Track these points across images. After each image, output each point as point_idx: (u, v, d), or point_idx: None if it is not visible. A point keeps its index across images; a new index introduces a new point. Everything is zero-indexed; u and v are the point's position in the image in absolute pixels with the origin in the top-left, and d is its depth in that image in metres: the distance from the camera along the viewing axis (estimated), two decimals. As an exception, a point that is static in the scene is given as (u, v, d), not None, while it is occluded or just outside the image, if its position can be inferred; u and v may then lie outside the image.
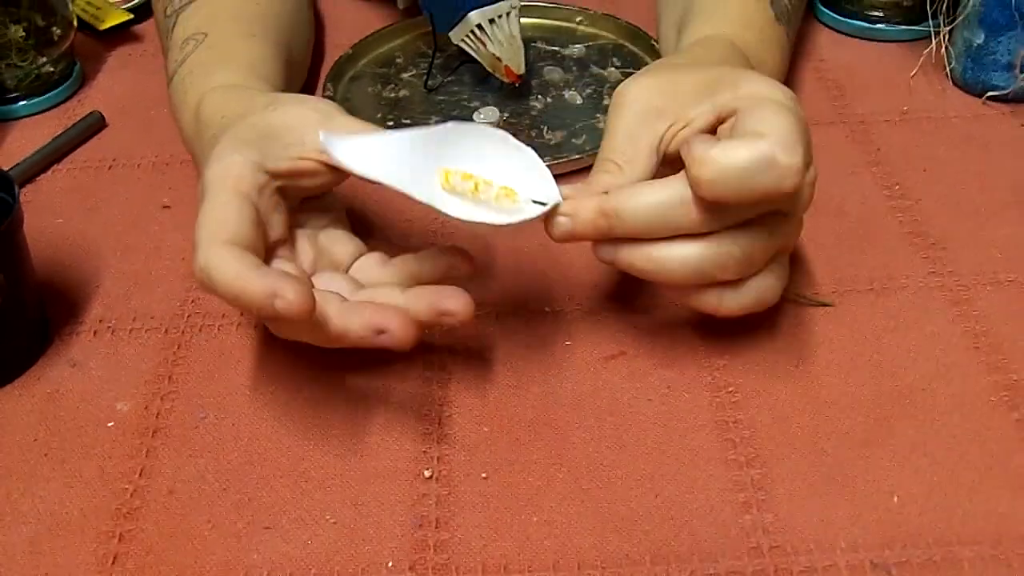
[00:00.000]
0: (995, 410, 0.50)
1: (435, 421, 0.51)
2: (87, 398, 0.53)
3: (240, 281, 0.43)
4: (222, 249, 0.44)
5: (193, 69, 0.61)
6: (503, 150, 0.48)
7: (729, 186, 0.44)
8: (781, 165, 0.44)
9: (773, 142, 0.44)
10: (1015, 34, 0.69)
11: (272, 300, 0.42)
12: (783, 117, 0.45)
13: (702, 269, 0.47)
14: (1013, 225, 0.62)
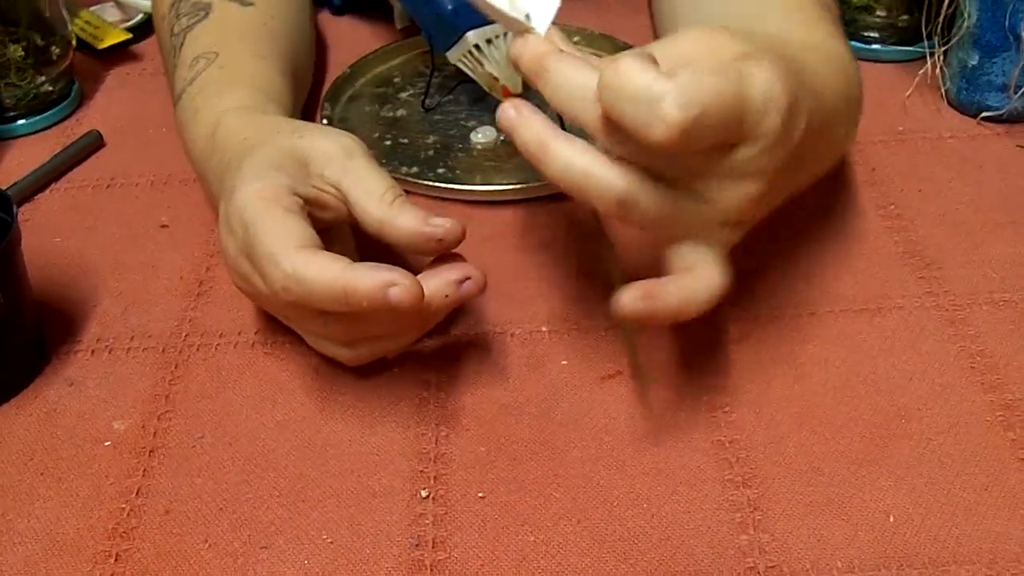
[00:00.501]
0: (991, 430, 0.50)
1: (432, 441, 0.51)
2: (84, 417, 0.53)
3: (346, 276, 0.45)
4: (306, 253, 0.46)
5: (204, 88, 0.61)
6: None
7: (608, 100, 0.40)
8: (660, 110, 0.39)
9: (668, 87, 0.39)
10: (1009, 55, 0.70)
11: (386, 290, 0.44)
12: (709, 76, 0.40)
13: (595, 188, 0.43)
14: (1008, 245, 0.62)
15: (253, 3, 0.69)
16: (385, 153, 0.72)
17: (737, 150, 0.43)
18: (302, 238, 0.47)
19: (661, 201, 0.43)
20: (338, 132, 0.53)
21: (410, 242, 0.49)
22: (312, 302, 0.46)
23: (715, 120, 0.40)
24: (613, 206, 0.43)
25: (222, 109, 0.58)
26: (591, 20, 0.85)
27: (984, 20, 0.70)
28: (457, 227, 0.49)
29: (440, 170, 0.69)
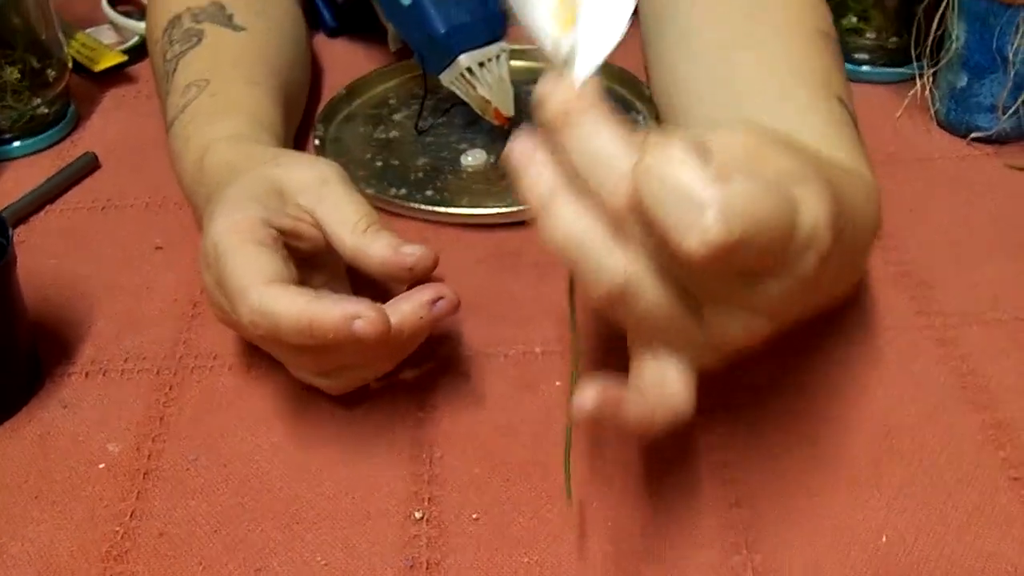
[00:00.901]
0: (982, 449, 0.51)
1: (426, 462, 0.51)
2: (78, 439, 0.53)
3: (311, 310, 0.44)
4: (274, 288, 0.45)
5: (195, 116, 0.61)
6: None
7: (644, 190, 0.35)
8: (703, 221, 0.33)
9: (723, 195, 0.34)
10: (997, 76, 0.71)
11: (351, 323, 0.44)
12: (768, 187, 0.35)
13: (591, 269, 0.37)
14: (998, 265, 0.62)
15: (246, 28, 0.69)
16: (375, 174, 0.72)
17: (763, 282, 0.38)
18: (271, 272, 0.46)
19: (659, 306, 0.38)
20: (316, 160, 0.54)
21: (382, 270, 0.49)
22: (280, 336, 0.46)
23: (759, 246, 0.35)
24: (604, 295, 0.38)
25: (211, 138, 0.58)
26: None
27: (972, 42, 0.71)
28: (428, 255, 0.49)
29: (429, 192, 0.70)
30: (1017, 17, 0.68)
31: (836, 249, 0.39)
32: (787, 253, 0.37)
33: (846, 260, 0.45)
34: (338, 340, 0.45)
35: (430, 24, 0.68)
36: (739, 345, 0.40)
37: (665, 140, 0.35)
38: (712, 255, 0.34)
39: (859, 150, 0.54)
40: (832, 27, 0.63)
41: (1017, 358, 0.56)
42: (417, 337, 0.50)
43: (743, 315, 0.39)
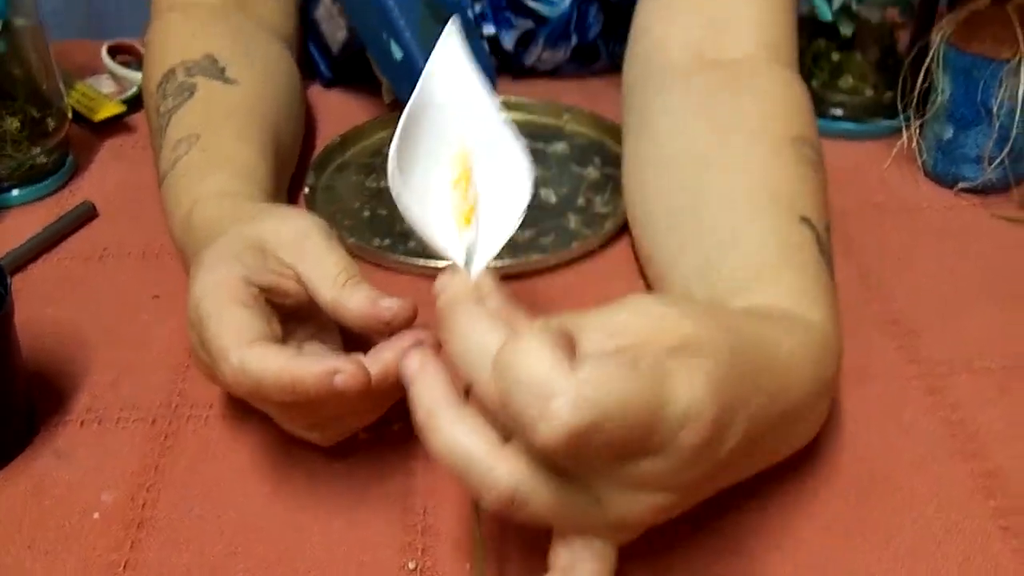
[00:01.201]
0: (972, 498, 0.51)
1: (419, 512, 0.51)
2: (73, 488, 0.53)
3: (291, 368, 0.45)
4: (255, 348, 0.46)
5: (186, 172, 0.62)
6: (508, 191, 0.46)
7: (499, 382, 0.36)
8: (548, 410, 0.34)
9: (565, 386, 0.35)
10: (982, 128, 0.72)
11: (331, 378, 0.44)
12: (621, 374, 0.36)
13: (476, 479, 0.38)
14: (986, 313, 0.63)
15: (238, 81, 0.70)
16: (362, 224, 0.73)
17: (641, 461, 0.38)
18: (252, 332, 0.47)
19: (552, 500, 0.38)
20: (297, 214, 0.54)
21: (361, 324, 0.50)
22: (263, 395, 0.46)
23: (615, 430, 0.35)
24: (494, 503, 0.38)
25: (199, 194, 0.59)
26: (577, 100, 0.86)
27: (957, 95, 0.72)
28: (406, 308, 0.49)
29: (411, 244, 0.70)
30: (1000, 71, 0.69)
31: (739, 420, 0.40)
32: (658, 433, 0.37)
33: (781, 422, 0.45)
34: (320, 396, 0.45)
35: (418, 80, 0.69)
36: (649, 522, 0.40)
37: (523, 331, 0.36)
38: (564, 443, 0.34)
39: (815, 283, 0.51)
40: (810, 126, 0.61)
41: (1006, 406, 0.56)
42: (401, 384, 0.51)
43: (639, 494, 0.39)
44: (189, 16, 0.77)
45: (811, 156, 0.59)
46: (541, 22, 0.86)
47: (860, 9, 0.78)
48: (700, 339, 0.39)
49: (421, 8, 0.70)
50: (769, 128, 0.59)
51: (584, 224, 0.72)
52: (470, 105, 0.48)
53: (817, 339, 0.48)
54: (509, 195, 0.46)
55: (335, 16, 0.85)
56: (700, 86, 0.63)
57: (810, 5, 0.80)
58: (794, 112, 0.61)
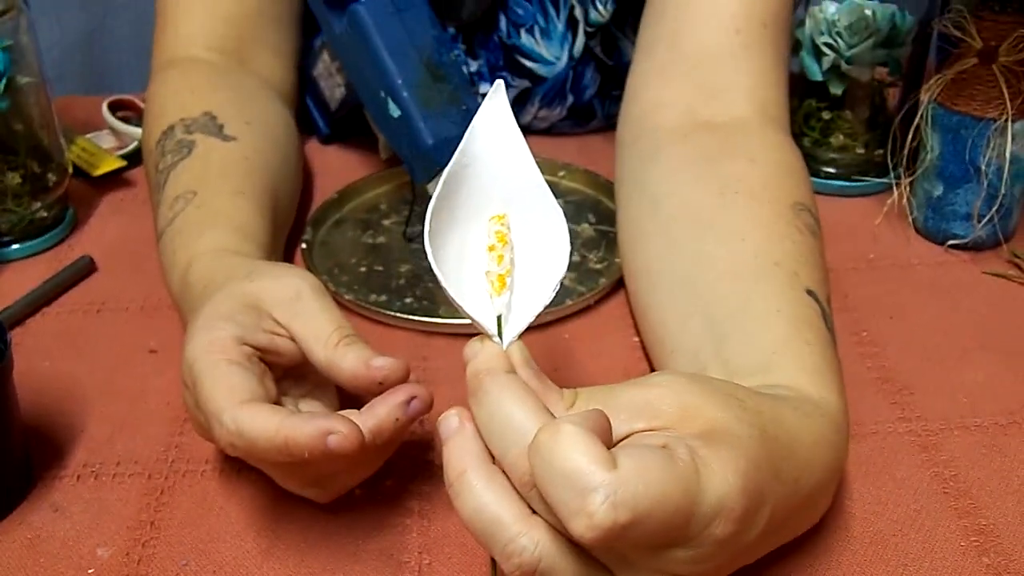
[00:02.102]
0: (966, 555, 0.51)
1: (415, 569, 0.51)
2: (68, 544, 0.53)
3: (285, 429, 0.45)
4: (249, 408, 0.46)
5: (182, 229, 0.63)
6: (546, 260, 0.45)
7: (538, 470, 0.37)
8: (586, 506, 0.35)
9: (608, 480, 0.35)
10: (971, 186, 0.73)
11: (325, 439, 0.44)
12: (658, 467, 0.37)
13: (500, 546, 0.39)
14: (978, 370, 0.64)
15: (236, 138, 0.71)
16: (358, 280, 0.73)
17: (670, 551, 0.39)
18: (245, 392, 0.47)
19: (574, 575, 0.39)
20: (290, 272, 0.54)
21: (353, 384, 0.50)
22: (258, 455, 0.47)
23: (652, 525, 0.36)
24: (517, 569, 0.38)
25: (195, 252, 0.60)
26: (573, 157, 0.87)
27: (946, 153, 0.73)
28: (398, 368, 0.49)
29: (408, 300, 0.71)
30: (988, 130, 0.70)
31: (765, 507, 0.41)
32: (690, 526, 0.38)
33: (801, 508, 0.46)
34: (314, 456, 0.45)
35: (418, 136, 0.70)
36: None
37: (560, 420, 0.37)
38: (602, 539, 0.35)
39: (826, 361, 0.52)
40: (807, 191, 0.62)
41: (999, 463, 0.57)
42: (396, 439, 0.51)
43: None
44: (188, 73, 0.78)
45: (810, 223, 0.60)
46: (537, 82, 0.87)
47: (849, 69, 0.79)
48: (730, 428, 0.40)
49: (419, 67, 0.71)
50: (769, 192, 0.60)
51: (578, 281, 0.72)
52: (512, 167, 0.47)
53: (833, 423, 0.49)
54: (546, 262, 0.45)
55: (333, 74, 0.86)
56: (694, 148, 0.64)
57: (800, 65, 0.82)
58: (791, 176, 0.62)
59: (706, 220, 0.59)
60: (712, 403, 0.41)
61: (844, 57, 0.78)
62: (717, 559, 0.40)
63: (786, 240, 0.57)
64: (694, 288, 0.57)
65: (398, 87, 0.71)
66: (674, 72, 0.69)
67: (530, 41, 0.85)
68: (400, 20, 0.71)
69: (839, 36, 0.78)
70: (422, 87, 0.71)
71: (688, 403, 0.41)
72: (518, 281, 0.45)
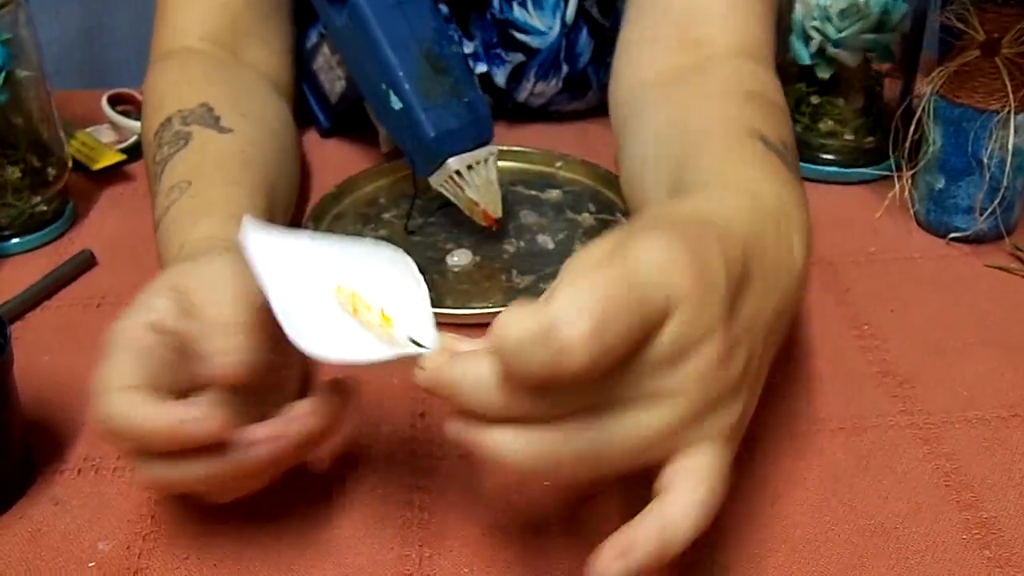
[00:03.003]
0: (967, 548, 0.51)
1: (415, 562, 0.51)
2: (69, 537, 0.53)
3: (139, 415, 0.44)
4: (124, 393, 0.45)
5: (176, 218, 0.63)
6: (401, 278, 0.48)
7: (518, 364, 0.37)
8: (563, 340, 0.36)
9: (557, 309, 0.36)
10: (973, 179, 0.73)
11: (181, 426, 0.43)
12: (601, 274, 0.38)
13: (547, 464, 0.40)
14: (979, 363, 0.63)
15: (232, 129, 0.71)
16: None
17: (662, 333, 0.39)
18: (135, 377, 0.45)
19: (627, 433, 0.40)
20: (221, 261, 0.52)
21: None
22: (126, 442, 0.46)
23: (620, 311, 0.37)
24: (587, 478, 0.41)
25: (187, 240, 0.59)
26: (573, 146, 0.87)
27: (948, 146, 0.73)
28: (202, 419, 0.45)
29: None
30: (990, 122, 0.70)
31: (719, 289, 0.41)
32: (651, 297, 0.38)
33: (762, 302, 0.46)
34: (175, 446, 0.44)
35: (420, 128, 0.70)
36: (722, 385, 0.42)
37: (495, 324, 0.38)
38: (592, 354, 0.36)
39: (775, 178, 0.55)
40: (767, 87, 0.68)
41: (1001, 456, 0.56)
42: (278, 459, 0.48)
43: (683, 364, 0.40)
44: (185, 64, 0.78)
45: (767, 105, 0.65)
46: (531, 55, 0.87)
47: (837, 53, 0.79)
48: (657, 225, 0.43)
49: (420, 59, 0.71)
50: (733, 87, 0.66)
51: (582, 271, 0.72)
52: (309, 265, 0.49)
53: (790, 215, 0.52)
54: (399, 279, 0.47)
55: (334, 67, 0.86)
56: (679, 87, 0.69)
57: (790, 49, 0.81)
58: (752, 77, 0.68)
59: (680, 115, 0.66)
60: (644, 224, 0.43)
61: (831, 41, 0.78)
62: (712, 316, 0.40)
63: (743, 108, 0.63)
64: (670, 162, 0.62)
65: (399, 79, 0.70)
66: (664, 33, 0.73)
67: (522, 13, 0.86)
68: (401, 12, 0.71)
69: (828, 21, 0.78)
70: (423, 79, 0.71)
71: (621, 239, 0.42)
72: (395, 306, 0.47)
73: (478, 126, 0.72)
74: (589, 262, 0.41)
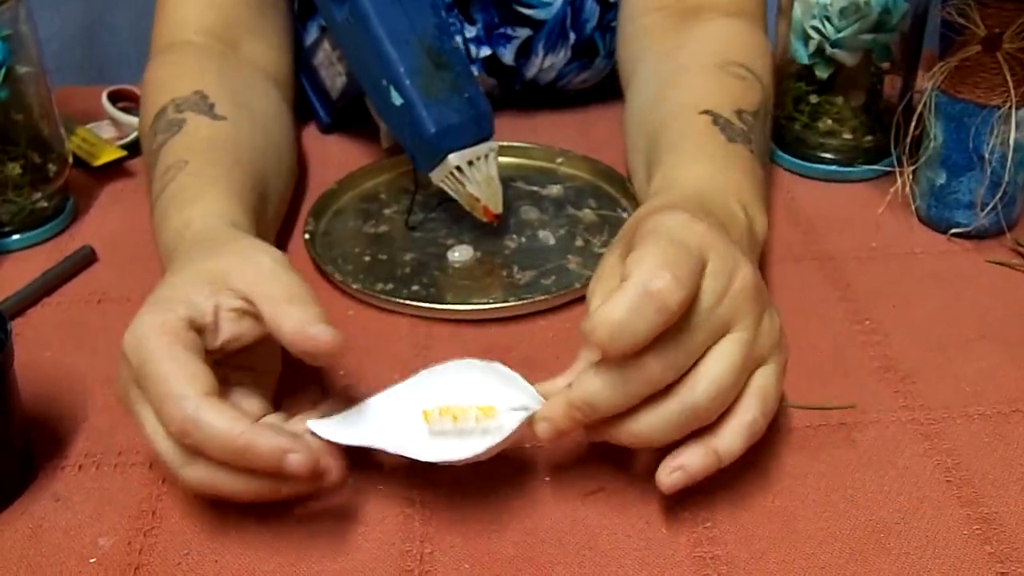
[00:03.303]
0: (968, 544, 0.51)
1: (416, 558, 0.51)
2: (70, 533, 0.53)
3: (248, 435, 0.46)
4: (214, 403, 0.47)
5: (171, 199, 0.63)
6: (474, 374, 0.53)
7: (628, 337, 0.45)
8: (656, 293, 0.45)
9: (638, 279, 0.45)
10: (975, 175, 0.73)
11: (284, 456, 0.46)
12: (651, 246, 0.47)
13: (682, 424, 0.48)
14: (980, 359, 0.63)
15: (226, 117, 0.71)
16: (363, 269, 0.73)
17: (707, 273, 0.49)
18: (207, 384, 0.48)
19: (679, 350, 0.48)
20: (259, 248, 0.54)
21: (293, 349, 0.50)
22: (205, 449, 0.47)
23: (679, 260, 0.47)
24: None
25: (181, 223, 0.60)
26: (575, 140, 0.87)
27: (949, 141, 0.73)
28: (331, 344, 0.49)
29: (414, 287, 0.71)
30: (992, 118, 0.70)
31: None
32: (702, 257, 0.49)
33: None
34: (266, 469, 0.47)
35: (420, 124, 0.70)
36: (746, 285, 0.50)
37: (587, 324, 0.46)
38: (685, 289, 0.46)
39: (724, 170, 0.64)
40: (744, 53, 0.74)
41: (1002, 452, 0.56)
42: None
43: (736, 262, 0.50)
44: (182, 56, 0.78)
45: (739, 72, 0.72)
46: (538, 27, 0.88)
47: (835, 53, 0.79)
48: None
49: (421, 54, 0.71)
50: (707, 58, 0.73)
51: (584, 265, 0.72)
52: (387, 416, 0.53)
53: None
54: (469, 374, 0.53)
55: (335, 62, 0.86)
56: (664, 65, 0.76)
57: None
58: (733, 43, 0.75)
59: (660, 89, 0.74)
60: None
61: (830, 41, 0.78)
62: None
63: (710, 84, 0.71)
64: (648, 136, 0.71)
65: (400, 75, 0.70)
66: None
67: None
68: (401, 8, 0.71)
69: (828, 20, 0.78)
70: (424, 75, 0.71)
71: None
72: (483, 398, 0.52)
73: (479, 122, 0.72)
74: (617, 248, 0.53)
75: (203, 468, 0.49)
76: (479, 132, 0.72)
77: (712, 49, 0.74)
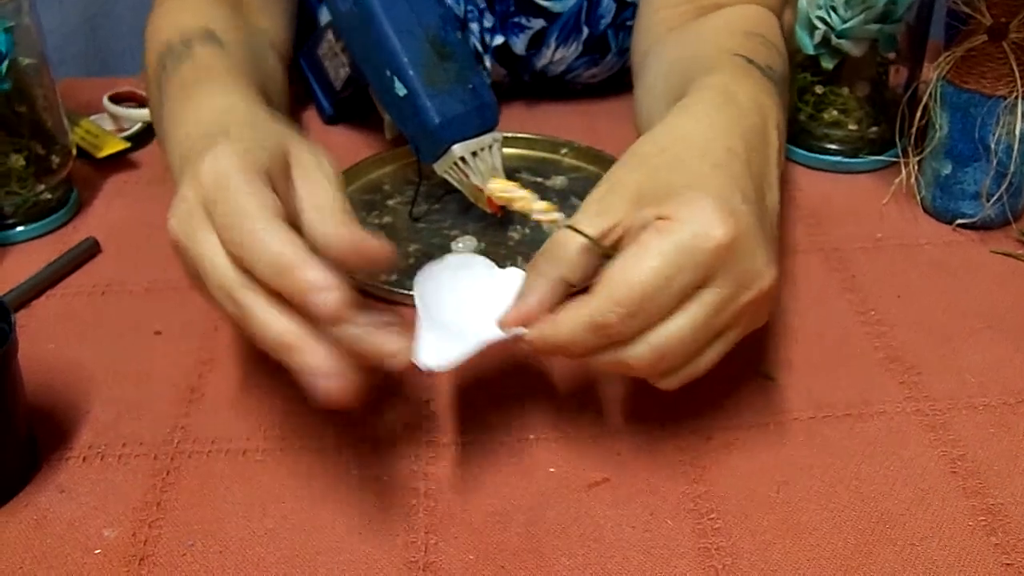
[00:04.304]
0: (973, 535, 0.51)
1: (421, 548, 0.51)
2: (74, 524, 0.53)
3: (302, 253, 0.45)
4: (281, 225, 0.46)
5: (184, 85, 0.64)
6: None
7: (561, 352, 0.49)
8: (603, 327, 0.47)
9: (595, 307, 0.47)
10: (980, 165, 0.72)
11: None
12: (652, 247, 0.48)
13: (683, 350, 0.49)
14: (986, 350, 0.63)
15: (234, 50, 0.71)
16: None
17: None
18: (277, 210, 0.47)
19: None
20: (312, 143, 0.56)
21: (338, 258, 0.49)
22: (257, 269, 0.46)
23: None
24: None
25: (213, 94, 0.60)
26: (580, 132, 0.87)
27: (955, 131, 0.72)
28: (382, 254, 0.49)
29: None
30: (998, 108, 0.70)
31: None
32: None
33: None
34: (301, 292, 0.45)
35: (424, 115, 0.70)
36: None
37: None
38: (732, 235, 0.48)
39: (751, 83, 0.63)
40: (767, 30, 0.73)
41: (1007, 443, 0.56)
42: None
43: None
44: (184, 1, 0.77)
45: (765, 41, 0.71)
46: (552, 19, 0.87)
47: (841, 43, 0.78)
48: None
49: (425, 45, 0.71)
50: (733, 27, 0.73)
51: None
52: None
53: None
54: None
55: (338, 53, 0.86)
56: (686, 35, 0.76)
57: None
58: (756, 22, 0.74)
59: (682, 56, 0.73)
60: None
61: (836, 31, 0.78)
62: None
63: (732, 42, 0.70)
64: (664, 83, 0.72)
65: (404, 66, 0.70)
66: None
67: None
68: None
69: (834, 10, 0.78)
70: (428, 66, 0.71)
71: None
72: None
73: (483, 112, 0.71)
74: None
75: (252, 295, 0.47)
76: (483, 123, 0.72)
77: (736, 21, 0.74)
